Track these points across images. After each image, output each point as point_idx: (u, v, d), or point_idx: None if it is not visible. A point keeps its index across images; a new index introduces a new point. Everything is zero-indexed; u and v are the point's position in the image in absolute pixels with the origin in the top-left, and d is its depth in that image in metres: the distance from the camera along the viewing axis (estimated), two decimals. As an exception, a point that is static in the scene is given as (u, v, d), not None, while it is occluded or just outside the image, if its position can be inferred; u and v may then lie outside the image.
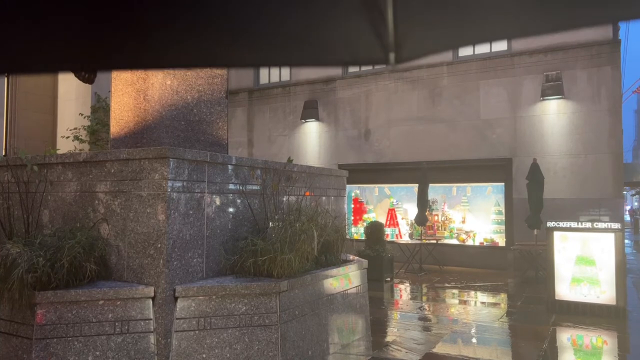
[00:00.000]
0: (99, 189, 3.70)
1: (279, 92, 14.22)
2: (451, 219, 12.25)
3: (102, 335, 3.23)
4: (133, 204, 3.52)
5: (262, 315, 3.53)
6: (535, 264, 9.64)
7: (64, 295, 3.19)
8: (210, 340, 3.41)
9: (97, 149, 10.13)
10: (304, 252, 3.84)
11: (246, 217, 4.12)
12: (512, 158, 11.01)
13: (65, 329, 3.18)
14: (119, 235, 3.58)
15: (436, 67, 11.84)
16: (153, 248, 3.40)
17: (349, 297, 4.66)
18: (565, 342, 5.88)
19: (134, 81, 4.55)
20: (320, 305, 4.15)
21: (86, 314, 3.22)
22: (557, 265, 6.98)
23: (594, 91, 10.30)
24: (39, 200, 3.93)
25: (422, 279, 9.99)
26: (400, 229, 12.84)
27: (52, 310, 3.17)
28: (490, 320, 6.67)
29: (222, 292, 3.47)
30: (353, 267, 4.78)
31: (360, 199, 13.51)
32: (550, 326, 6.29)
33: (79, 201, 3.81)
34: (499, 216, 11.53)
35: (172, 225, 3.41)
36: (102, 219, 3.66)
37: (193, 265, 3.59)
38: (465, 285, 9.24)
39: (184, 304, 3.42)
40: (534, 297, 8.10)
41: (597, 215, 9.79)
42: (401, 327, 6.33)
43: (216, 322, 3.44)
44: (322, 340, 4.13)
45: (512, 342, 5.92)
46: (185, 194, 3.52)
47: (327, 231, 4.47)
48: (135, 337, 3.29)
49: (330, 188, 5.40)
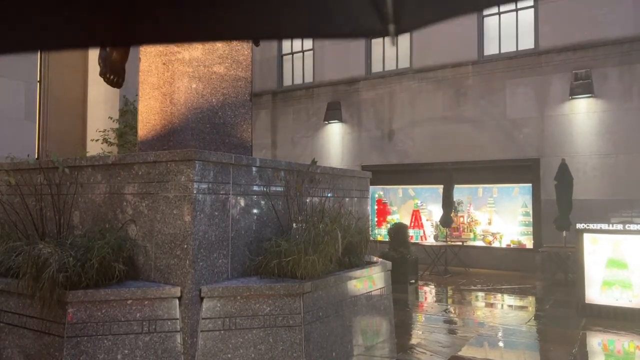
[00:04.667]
0: (127, 190, 3.79)
1: (302, 94, 14.27)
2: (477, 221, 12.07)
3: (130, 334, 3.30)
4: (160, 205, 3.59)
5: (286, 316, 3.55)
6: (565, 266, 9.42)
7: (94, 295, 3.27)
8: (235, 341, 3.45)
9: (125, 151, 10.35)
10: (327, 254, 3.85)
11: (270, 218, 4.15)
12: (540, 158, 10.79)
13: (95, 328, 3.26)
14: (147, 236, 3.65)
15: (461, 67, 11.71)
16: (179, 249, 3.46)
17: (373, 299, 4.65)
18: (595, 347, 5.73)
19: (161, 85, 4.63)
20: (344, 307, 4.15)
21: (115, 313, 3.30)
22: (587, 268, 6.81)
23: (625, 89, 10.02)
24: (70, 201, 4.04)
25: (448, 281, 9.87)
26: (424, 231, 12.72)
27: (82, 309, 3.26)
28: (517, 323, 6.54)
29: (246, 293, 3.50)
30: (377, 269, 4.76)
31: (383, 200, 13.43)
32: (580, 330, 6.14)
33: (108, 202, 3.90)
34: (527, 218, 11.31)
35: (198, 226, 3.46)
36: (130, 220, 3.75)
37: (218, 265, 3.63)
38: (492, 288, 9.09)
39: (210, 304, 3.46)
40: (563, 300, 7.92)
41: (629, 217, 9.51)
42: (426, 329, 6.27)
43: (241, 323, 3.48)
44: (345, 341, 4.13)
45: (540, 346, 5.80)
46: (211, 195, 3.57)
47: (351, 232, 4.47)
48: (162, 336, 3.35)
49: (353, 189, 5.40)
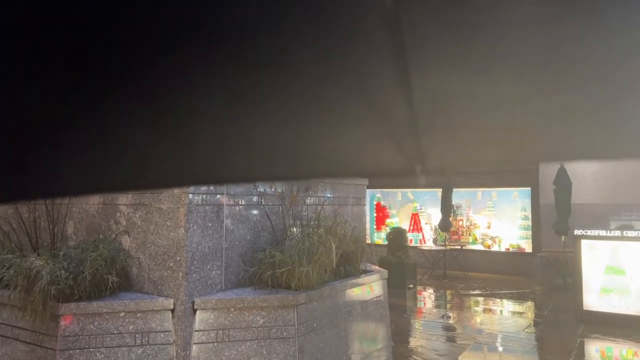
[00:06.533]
0: (121, 201, 3.78)
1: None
2: (476, 225, 12.05)
3: (123, 346, 3.29)
4: (153, 216, 3.58)
5: (280, 328, 3.53)
6: (563, 271, 9.39)
7: (87, 307, 3.26)
8: (229, 353, 3.44)
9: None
10: (322, 264, 3.84)
11: (265, 227, 4.14)
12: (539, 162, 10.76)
13: (88, 340, 3.25)
14: (140, 248, 3.64)
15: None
16: (172, 261, 3.45)
17: (369, 308, 4.63)
18: (593, 354, 5.70)
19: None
20: (339, 317, 4.14)
21: (108, 325, 3.29)
22: (585, 275, 6.78)
23: (624, 93, 9.98)
24: (64, 211, 4.03)
25: (446, 285, 9.84)
26: (424, 234, 12.69)
27: (75, 321, 3.25)
28: (515, 330, 6.52)
29: (240, 305, 3.49)
30: (372, 278, 4.75)
31: (382, 204, 13.41)
32: (577, 337, 6.11)
33: (101, 213, 3.89)
34: (526, 222, 11.29)
35: (192, 237, 3.45)
36: (123, 231, 3.74)
37: (212, 277, 3.62)
38: (491, 293, 9.07)
39: (203, 316, 3.45)
40: (561, 306, 7.89)
41: (628, 221, 9.48)
42: (423, 336, 6.25)
43: (234, 335, 3.46)
44: (341, 352, 4.11)
45: (538, 354, 5.78)
46: (205, 206, 3.56)
47: (346, 242, 4.46)
48: (155, 348, 3.34)
49: (349, 197, 5.38)
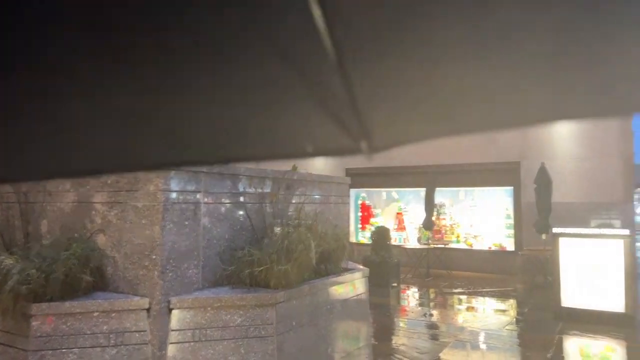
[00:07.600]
0: (96, 199, 3.71)
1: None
2: (459, 224, 12.13)
3: (96, 347, 3.23)
4: (129, 214, 3.52)
5: (258, 327, 3.50)
6: (544, 269, 9.49)
7: (59, 307, 3.19)
8: (206, 352, 3.39)
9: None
10: (301, 263, 3.81)
11: (244, 226, 4.11)
12: (521, 161, 10.87)
13: (60, 341, 3.18)
14: (115, 246, 3.58)
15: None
16: (148, 259, 3.39)
17: (349, 307, 4.62)
18: (571, 351, 5.77)
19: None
20: (319, 316, 4.12)
21: (81, 325, 3.22)
22: (563, 272, 6.86)
23: (603, 94, 10.13)
24: (38, 210, 3.95)
25: (429, 284, 9.89)
26: (407, 233, 12.74)
27: (47, 322, 3.18)
28: (496, 327, 6.57)
29: (217, 304, 3.45)
30: (354, 276, 4.74)
31: (367, 203, 13.43)
32: (556, 334, 6.18)
33: (76, 211, 3.82)
34: (508, 220, 11.40)
35: (167, 236, 3.40)
36: (98, 229, 3.67)
37: (189, 276, 3.57)
38: (473, 291, 9.13)
39: (179, 316, 3.40)
40: (541, 303, 7.97)
41: (608, 219, 9.63)
42: (406, 334, 6.27)
43: (211, 334, 3.42)
44: (321, 350, 4.09)
45: (518, 350, 5.83)
46: (181, 204, 3.51)
47: (327, 240, 4.44)
48: (129, 349, 3.29)
49: (332, 195, 5.37)
